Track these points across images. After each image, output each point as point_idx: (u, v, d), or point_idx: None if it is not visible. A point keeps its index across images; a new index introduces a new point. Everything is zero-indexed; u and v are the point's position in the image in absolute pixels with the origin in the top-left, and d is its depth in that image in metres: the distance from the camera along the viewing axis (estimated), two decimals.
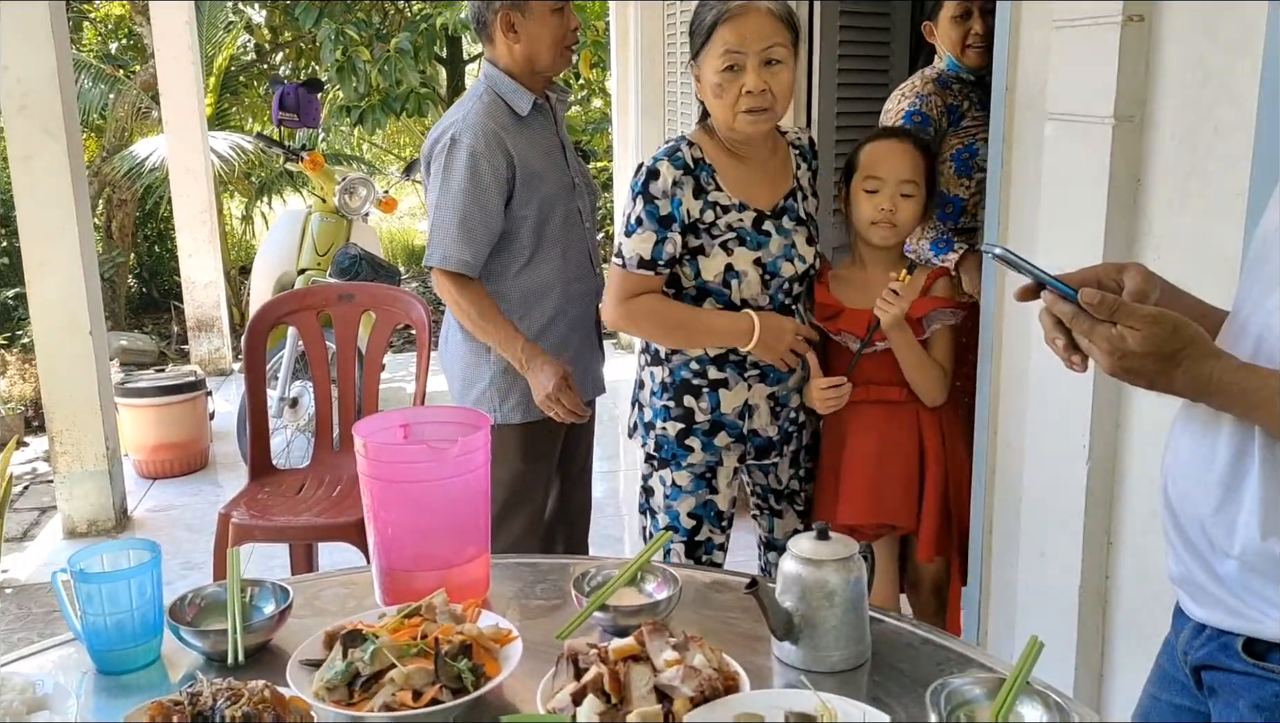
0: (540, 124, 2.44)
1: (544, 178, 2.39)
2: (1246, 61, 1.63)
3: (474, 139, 2.30)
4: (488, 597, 1.54)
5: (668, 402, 2.17)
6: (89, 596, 1.35)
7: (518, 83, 2.39)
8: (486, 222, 2.32)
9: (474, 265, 2.34)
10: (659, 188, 2.05)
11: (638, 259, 2.08)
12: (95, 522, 4.07)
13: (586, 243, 2.50)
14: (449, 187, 2.32)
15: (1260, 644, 1.13)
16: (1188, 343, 1.07)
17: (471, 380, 2.48)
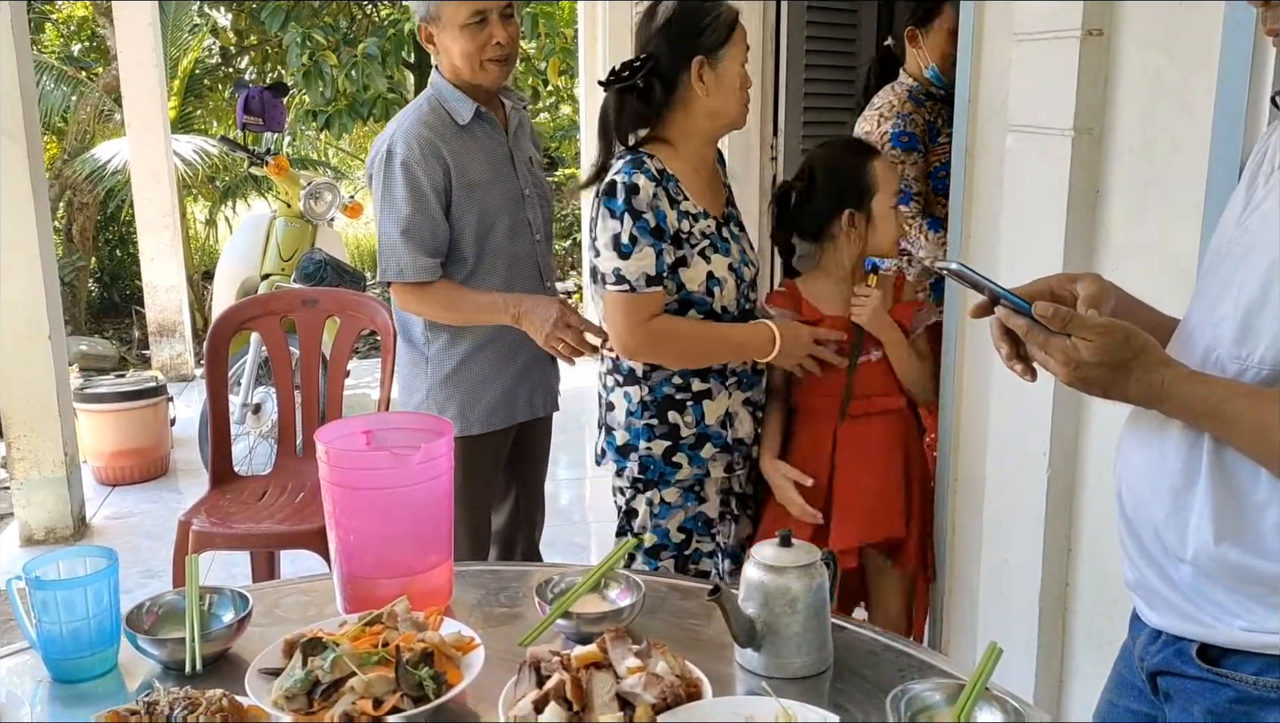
0: (485, 133, 2.39)
1: (486, 187, 2.35)
2: (1202, 76, 1.66)
3: (407, 149, 2.28)
4: (450, 604, 1.53)
5: (649, 421, 2.10)
6: (44, 603, 1.33)
7: (461, 91, 2.35)
8: (434, 229, 2.30)
9: (432, 269, 2.31)
10: (643, 201, 1.98)
11: (644, 277, 2.00)
12: (53, 529, 4.01)
13: (536, 255, 2.46)
14: (391, 200, 2.30)
15: (1214, 650, 1.15)
16: (1138, 352, 1.10)
17: (410, 391, 2.45)
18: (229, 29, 8.98)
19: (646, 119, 2.07)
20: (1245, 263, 1.12)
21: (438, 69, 2.40)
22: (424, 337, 2.42)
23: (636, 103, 2.05)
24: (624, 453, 2.13)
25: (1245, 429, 1.08)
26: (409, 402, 2.45)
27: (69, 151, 7.70)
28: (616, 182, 2.00)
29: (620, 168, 2.02)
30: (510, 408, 2.45)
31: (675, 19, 2.03)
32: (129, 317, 7.92)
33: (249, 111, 5.05)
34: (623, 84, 2.04)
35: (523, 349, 2.40)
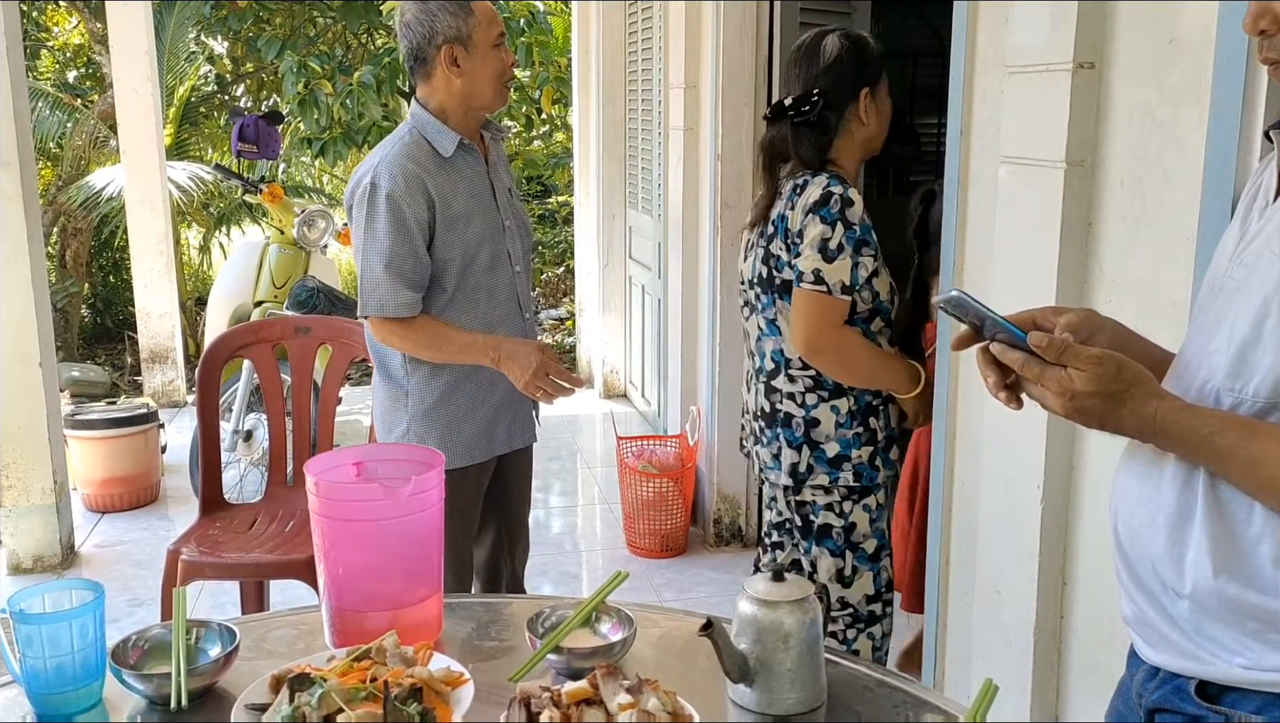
0: (467, 164, 2.37)
1: (469, 220, 2.33)
2: (1194, 109, 1.67)
3: (392, 182, 2.25)
4: (440, 638, 1.52)
5: (858, 429, 2.23)
6: (29, 637, 1.31)
7: (444, 124, 2.34)
8: (416, 264, 2.28)
9: (413, 305, 2.29)
10: (854, 214, 2.14)
11: (841, 285, 2.15)
12: (41, 557, 3.97)
13: (515, 286, 2.45)
14: (373, 232, 2.27)
15: (1213, 687, 1.14)
16: (1131, 383, 1.10)
17: (390, 425, 2.43)
18: (225, 57, 9.01)
19: (821, 147, 2.24)
20: (1240, 296, 1.12)
21: (422, 103, 2.36)
22: (403, 370, 2.39)
23: (811, 133, 2.23)
24: (836, 464, 2.25)
25: (1238, 462, 1.07)
26: (388, 436, 2.43)
27: (63, 178, 7.70)
28: (832, 193, 2.15)
29: (826, 183, 2.17)
30: (490, 440, 2.44)
31: (845, 56, 2.22)
32: (121, 343, 7.90)
33: (244, 139, 5.05)
34: (802, 117, 2.22)
35: (501, 381, 2.37)
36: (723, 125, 3.80)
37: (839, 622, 2.32)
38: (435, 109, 2.34)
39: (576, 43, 6.51)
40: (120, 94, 6.02)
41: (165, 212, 6.17)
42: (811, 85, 2.24)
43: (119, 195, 6.66)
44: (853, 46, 2.24)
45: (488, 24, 2.31)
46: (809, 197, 2.17)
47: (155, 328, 6.24)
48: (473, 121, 2.38)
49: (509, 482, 2.59)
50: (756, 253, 2.31)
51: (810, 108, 2.22)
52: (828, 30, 2.27)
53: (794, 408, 2.26)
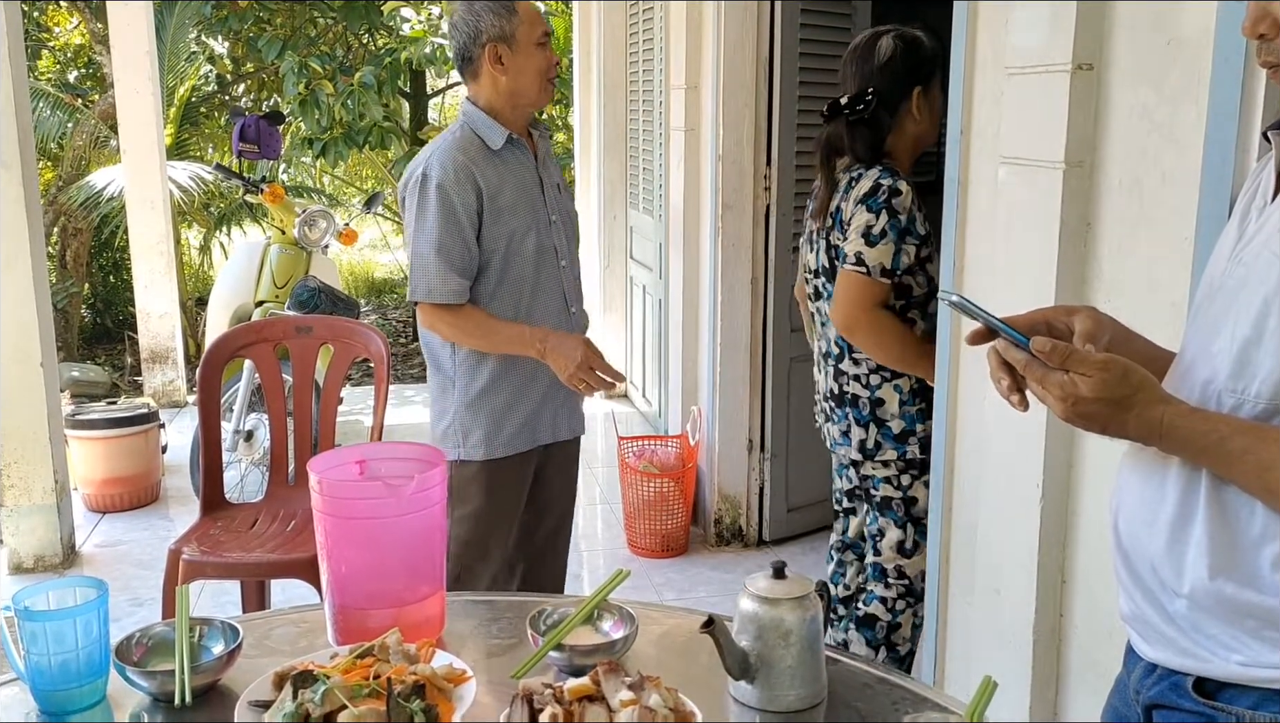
0: (516, 159, 2.45)
1: (515, 211, 2.40)
2: (1192, 110, 1.68)
3: (442, 172, 2.34)
4: (442, 636, 1.53)
5: (921, 405, 2.40)
6: (33, 634, 1.32)
7: (494, 119, 2.42)
8: (464, 252, 2.36)
9: (461, 292, 2.37)
10: (901, 204, 2.28)
11: (880, 268, 2.29)
12: (42, 557, 3.98)
13: (561, 280, 2.51)
14: (424, 221, 2.35)
15: (1210, 684, 1.14)
16: (1137, 388, 1.10)
17: (440, 412, 2.50)
18: (226, 57, 9.01)
19: (875, 144, 2.38)
20: (1240, 297, 1.12)
21: (472, 100, 2.46)
22: (450, 360, 2.47)
23: (865, 130, 2.37)
24: (903, 440, 2.42)
25: (1248, 467, 1.07)
26: (439, 424, 2.51)
27: (64, 178, 7.71)
28: (881, 185, 2.30)
29: (877, 175, 2.32)
30: (534, 430, 2.50)
31: (899, 56, 2.37)
32: (121, 343, 7.91)
33: (245, 139, 5.06)
34: (856, 116, 2.36)
35: (545, 372, 2.44)
36: (724, 126, 3.81)
37: (893, 589, 2.49)
38: (484, 105, 2.43)
39: (578, 43, 6.52)
40: (121, 94, 6.02)
41: (166, 212, 6.18)
42: (866, 84, 2.37)
43: (119, 195, 6.67)
44: (906, 46, 2.37)
45: (531, 23, 2.39)
46: (861, 188, 2.32)
47: (156, 328, 6.24)
48: (520, 118, 2.46)
49: (552, 473, 2.63)
50: (820, 244, 2.46)
51: (864, 106, 2.35)
52: (883, 31, 2.39)
53: (860, 389, 2.42)
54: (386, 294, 11.29)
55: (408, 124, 8.93)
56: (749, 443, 4.08)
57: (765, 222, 3.90)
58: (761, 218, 3.90)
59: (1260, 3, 1.10)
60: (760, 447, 4.09)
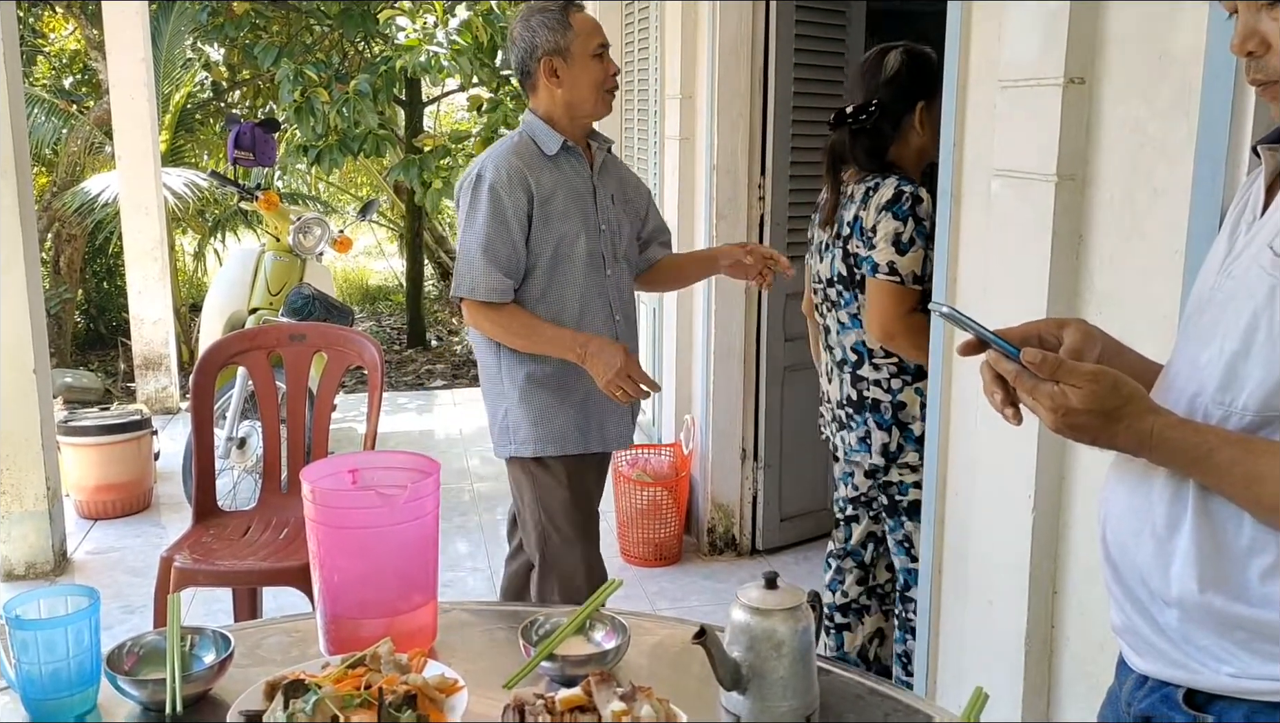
0: (570, 165, 2.49)
1: (565, 217, 2.43)
2: (1183, 124, 1.69)
3: (495, 174, 2.39)
4: (434, 646, 1.53)
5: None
6: (24, 643, 1.31)
7: (551, 127, 2.47)
8: (511, 252, 2.39)
9: (504, 291, 2.40)
10: (925, 210, 2.35)
11: (912, 275, 2.36)
12: (33, 564, 3.97)
13: (607, 288, 2.52)
14: (474, 220, 2.40)
15: (1201, 696, 1.15)
16: (1127, 400, 1.10)
17: (494, 409, 2.54)
18: (221, 64, 9.01)
19: (876, 153, 2.44)
20: (1228, 310, 1.13)
21: (532, 110, 2.51)
22: (496, 357, 2.50)
23: (866, 140, 2.44)
24: (921, 443, 2.44)
25: (1236, 478, 1.08)
26: (494, 420, 2.56)
27: (58, 184, 7.70)
28: (904, 192, 2.36)
29: (897, 183, 2.37)
30: (584, 434, 2.52)
31: (905, 70, 2.44)
32: (115, 349, 7.90)
33: (240, 146, 5.06)
34: (859, 125, 2.43)
35: (586, 377, 2.44)
36: (718, 136, 3.82)
37: None
38: (543, 115, 2.49)
39: None
40: (116, 100, 6.03)
41: (160, 218, 6.18)
42: (871, 96, 2.43)
43: (114, 201, 6.67)
44: (913, 61, 2.45)
45: (586, 35, 2.43)
46: (882, 196, 2.37)
47: (149, 334, 6.23)
48: (578, 128, 2.51)
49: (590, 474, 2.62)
50: (834, 252, 2.48)
51: (867, 117, 2.42)
52: (892, 46, 2.46)
53: (881, 393, 2.46)
54: (381, 302, 11.28)
55: (403, 132, 8.93)
56: (742, 452, 4.08)
57: (760, 231, 3.91)
58: (756, 227, 3.91)
59: (1249, 21, 1.11)
60: (753, 456, 4.09)
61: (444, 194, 7.49)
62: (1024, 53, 1.98)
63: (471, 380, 8.02)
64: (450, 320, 10.16)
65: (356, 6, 7.52)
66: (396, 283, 11.23)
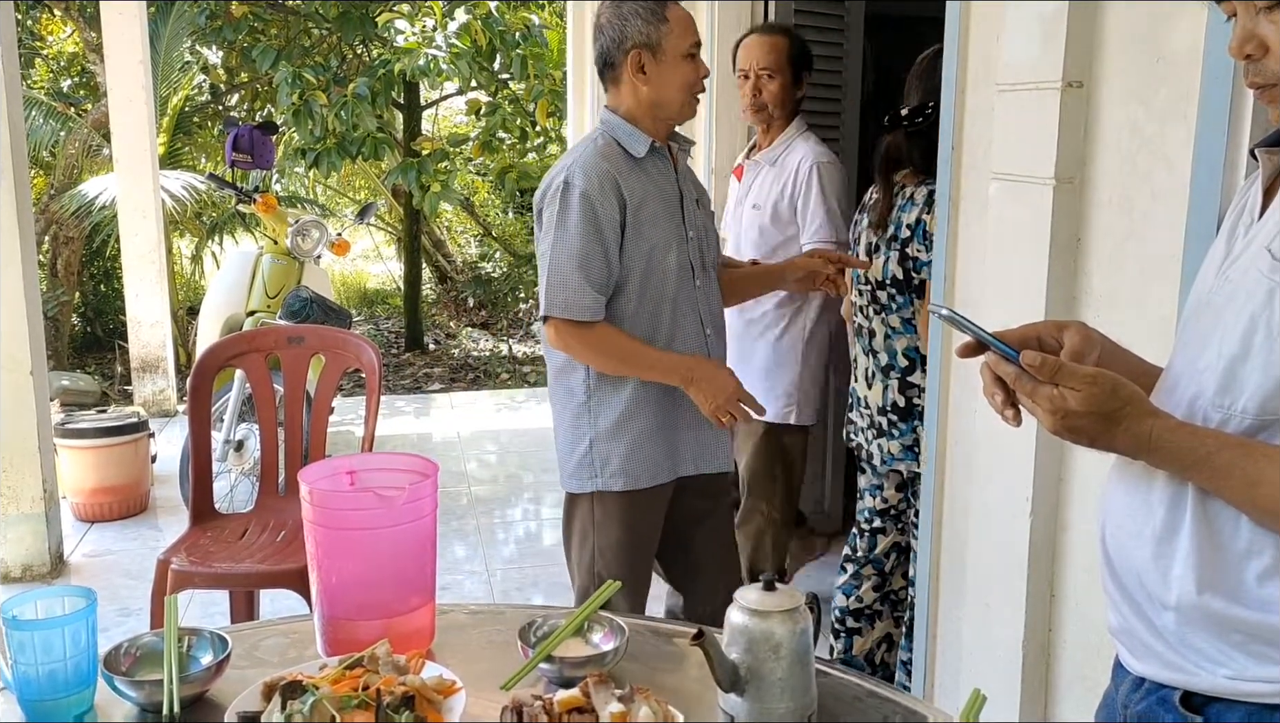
0: (658, 168, 2.31)
1: (656, 225, 2.26)
2: (1181, 128, 1.69)
3: (586, 181, 2.20)
4: (432, 647, 1.52)
5: None
6: (21, 644, 1.31)
7: (635, 127, 2.29)
8: (607, 265, 2.21)
9: (597, 310, 2.21)
10: None
11: None
12: (30, 566, 3.96)
13: (697, 299, 2.34)
14: (564, 231, 2.21)
15: (1197, 698, 1.15)
16: (1126, 402, 1.10)
17: (573, 443, 2.34)
18: (219, 67, 9.02)
19: (934, 155, 2.35)
20: (1227, 313, 1.13)
21: (611, 108, 2.33)
22: (585, 386, 2.30)
23: (923, 141, 2.42)
24: None
25: (1236, 481, 1.08)
26: (570, 455, 2.34)
27: (56, 186, 7.69)
28: None
29: None
30: (674, 461, 2.33)
31: None
32: (112, 352, 7.89)
33: (238, 149, 5.06)
34: (915, 127, 2.42)
35: (686, 399, 2.29)
36: (716, 140, 3.82)
37: None
38: (625, 114, 2.30)
39: (571, 55, 6.53)
40: (114, 103, 6.03)
41: (158, 221, 6.18)
42: (929, 98, 2.40)
43: (111, 204, 6.67)
44: None
45: (681, 33, 2.26)
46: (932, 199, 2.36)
47: (146, 337, 6.23)
48: (661, 129, 2.32)
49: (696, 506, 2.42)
50: (888, 255, 2.44)
51: (923, 119, 2.40)
52: None
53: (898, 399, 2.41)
54: (379, 305, 11.28)
55: (401, 135, 8.93)
56: None
57: None
58: None
59: (1247, 24, 1.11)
60: None
61: (442, 197, 7.50)
62: (1022, 56, 1.98)
63: (470, 383, 8.02)
64: (448, 324, 10.16)
65: (355, 9, 7.52)
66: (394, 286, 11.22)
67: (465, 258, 11.56)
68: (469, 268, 11.16)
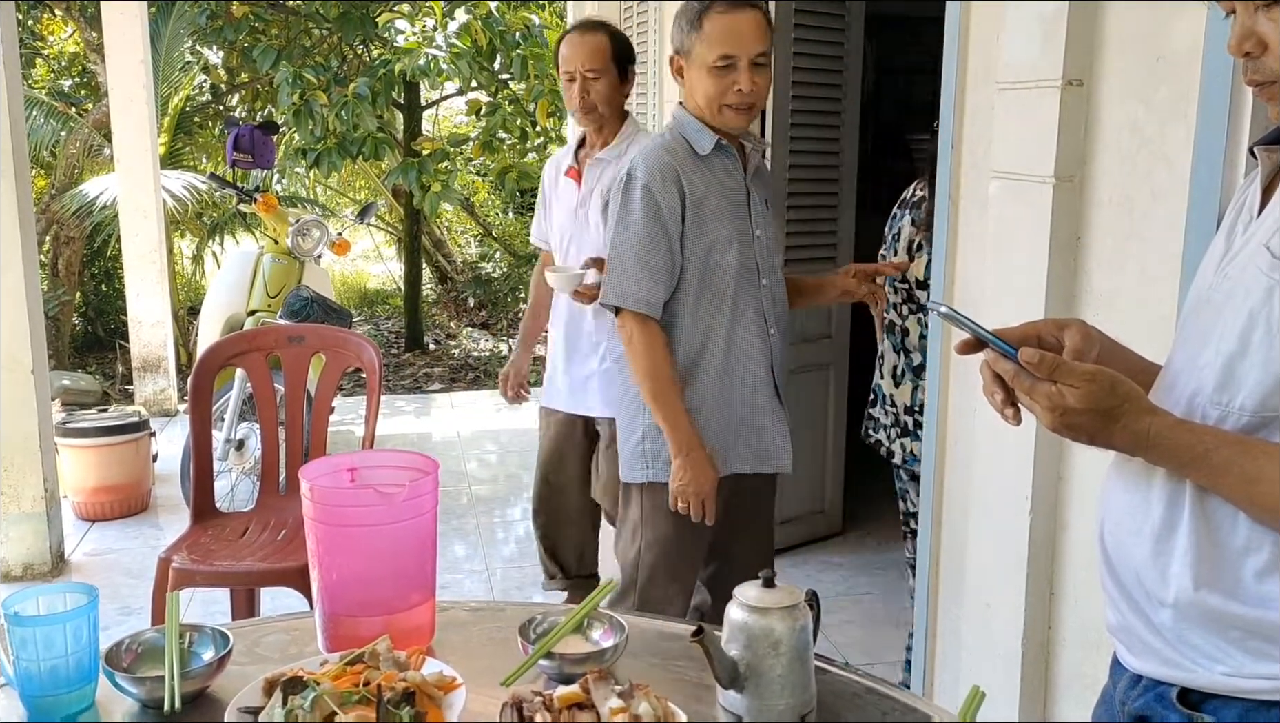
0: (723, 165, 2.30)
1: (719, 221, 2.26)
2: (1181, 126, 1.70)
3: (648, 173, 2.23)
4: (432, 644, 1.53)
5: None
6: (23, 640, 1.31)
7: (702, 123, 2.28)
8: (669, 256, 2.23)
9: (654, 305, 2.24)
10: None
11: None
12: (31, 565, 3.97)
13: (760, 298, 2.32)
14: (627, 223, 2.25)
15: (1195, 695, 1.15)
16: (1125, 399, 1.10)
17: (629, 432, 2.37)
18: (220, 67, 9.02)
19: None
20: (1225, 310, 1.13)
21: (680, 102, 2.35)
22: None
23: None
24: None
25: (1234, 478, 1.08)
26: (628, 442, 2.37)
27: (57, 186, 7.70)
28: None
29: None
30: (726, 456, 2.31)
31: None
32: (113, 352, 7.89)
33: (239, 149, 5.07)
34: None
35: (741, 399, 2.30)
36: None
37: None
38: (692, 110, 2.31)
39: None
40: (115, 103, 6.03)
41: (159, 220, 6.18)
42: None
43: (112, 204, 6.67)
44: None
45: (709, 45, 2.20)
46: None
47: (147, 337, 6.24)
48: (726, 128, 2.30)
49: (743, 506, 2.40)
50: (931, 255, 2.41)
51: None
52: None
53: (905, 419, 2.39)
54: (379, 305, 11.28)
55: (401, 135, 8.93)
56: None
57: None
58: None
59: (1246, 21, 1.11)
60: None
61: (442, 197, 7.50)
62: (1022, 55, 1.99)
63: (470, 383, 8.02)
64: (448, 324, 10.16)
65: (356, 9, 7.53)
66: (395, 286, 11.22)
67: (465, 258, 11.56)
68: (469, 268, 11.16)
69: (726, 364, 2.29)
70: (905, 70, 5.66)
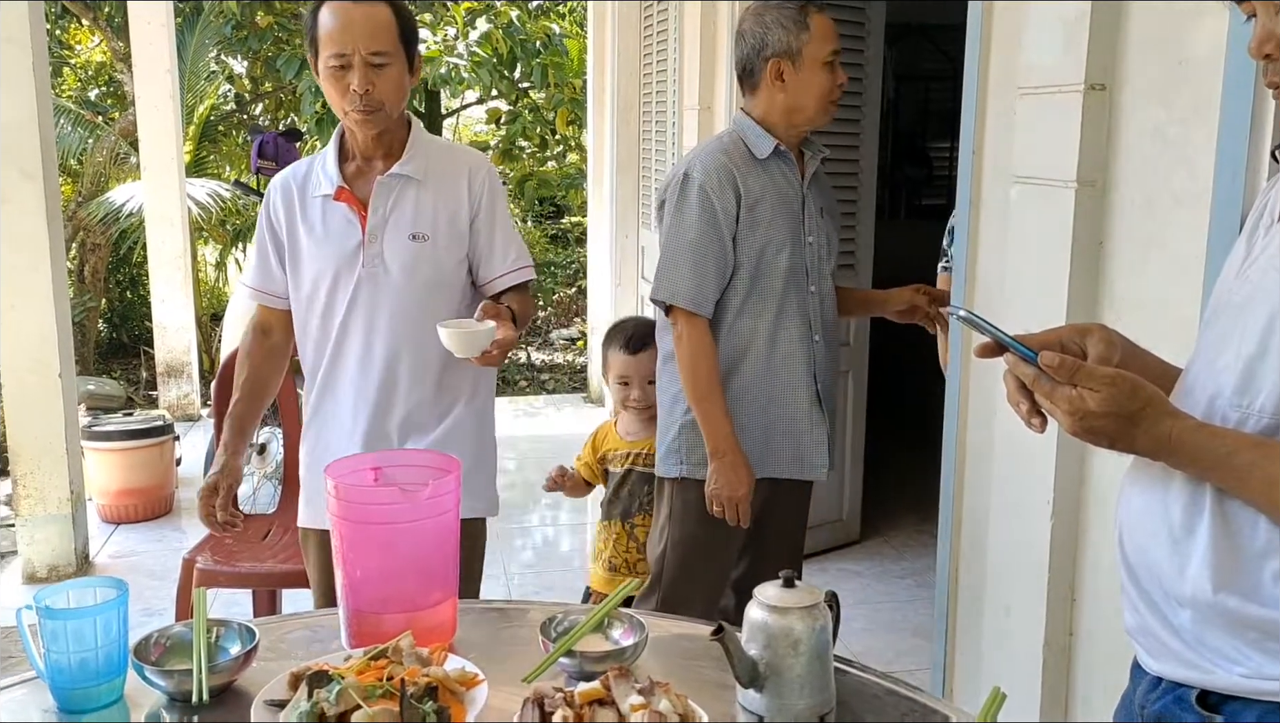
0: (780, 170, 2.31)
1: (772, 224, 2.27)
2: (1203, 130, 1.69)
3: (704, 174, 2.25)
4: (454, 642, 1.54)
5: None
6: (54, 633, 1.33)
7: (763, 129, 2.30)
8: (720, 259, 2.25)
9: (704, 304, 2.25)
10: None
11: None
12: (56, 567, 4.01)
13: (808, 305, 2.33)
14: (681, 222, 2.27)
15: (1214, 697, 1.15)
16: (1146, 403, 1.10)
17: (667, 427, 2.38)
18: (244, 76, 9.10)
19: None
20: (1246, 313, 1.13)
21: (745, 111, 2.35)
22: None
23: None
24: None
25: (1254, 482, 1.08)
26: (664, 438, 2.38)
27: (84, 194, 7.78)
28: None
29: None
30: (762, 459, 2.31)
31: None
32: (137, 357, 7.95)
33: (263, 156, 5.11)
34: None
35: (776, 402, 2.31)
36: None
37: None
38: (758, 118, 2.32)
39: (592, 65, 6.57)
40: (141, 111, 6.10)
41: (184, 228, 6.24)
42: None
43: (139, 211, 6.73)
44: None
45: (821, 40, 2.27)
46: None
47: (172, 342, 6.29)
48: (794, 135, 2.34)
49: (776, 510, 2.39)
50: None
51: None
52: None
53: None
54: None
55: None
56: None
57: None
58: None
59: (1267, 24, 1.11)
60: None
61: None
62: (1044, 59, 1.99)
63: None
64: None
65: None
66: None
67: None
68: None
69: (769, 366, 2.30)
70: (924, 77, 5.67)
